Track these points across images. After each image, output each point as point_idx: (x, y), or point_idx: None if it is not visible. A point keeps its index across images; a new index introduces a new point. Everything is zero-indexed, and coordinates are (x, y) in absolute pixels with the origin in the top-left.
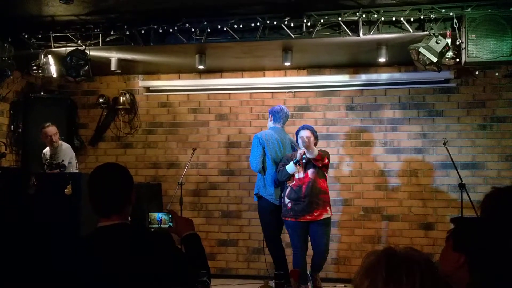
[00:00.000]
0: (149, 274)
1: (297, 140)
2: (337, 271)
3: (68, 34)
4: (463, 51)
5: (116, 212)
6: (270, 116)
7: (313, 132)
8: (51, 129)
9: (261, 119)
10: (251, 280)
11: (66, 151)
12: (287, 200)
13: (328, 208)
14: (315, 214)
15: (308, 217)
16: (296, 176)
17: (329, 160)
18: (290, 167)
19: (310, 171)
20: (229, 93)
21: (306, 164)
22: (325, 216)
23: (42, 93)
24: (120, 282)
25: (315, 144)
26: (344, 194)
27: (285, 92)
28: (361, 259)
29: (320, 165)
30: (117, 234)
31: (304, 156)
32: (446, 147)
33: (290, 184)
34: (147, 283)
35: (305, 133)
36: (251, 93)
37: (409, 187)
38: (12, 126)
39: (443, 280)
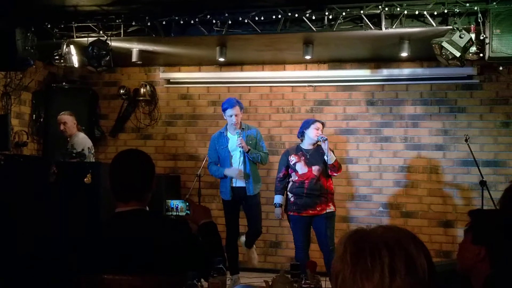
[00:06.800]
0: (164, 259)
1: (301, 129)
2: None
3: (90, 24)
4: (487, 46)
5: (134, 198)
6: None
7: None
8: (60, 118)
9: (281, 112)
10: (268, 273)
11: (78, 142)
12: (290, 195)
13: (331, 204)
14: (318, 209)
15: (310, 211)
16: (300, 171)
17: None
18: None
19: (314, 168)
20: (249, 86)
21: (311, 160)
22: (327, 210)
23: (64, 83)
24: (136, 266)
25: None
26: (363, 190)
27: (305, 86)
28: None
29: (333, 173)
30: (134, 218)
31: (320, 138)
32: (468, 144)
33: (293, 179)
34: (163, 268)
35: (316, 126)
36: (271, 86)
37: (429, 183)
38: (34, 116)
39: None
